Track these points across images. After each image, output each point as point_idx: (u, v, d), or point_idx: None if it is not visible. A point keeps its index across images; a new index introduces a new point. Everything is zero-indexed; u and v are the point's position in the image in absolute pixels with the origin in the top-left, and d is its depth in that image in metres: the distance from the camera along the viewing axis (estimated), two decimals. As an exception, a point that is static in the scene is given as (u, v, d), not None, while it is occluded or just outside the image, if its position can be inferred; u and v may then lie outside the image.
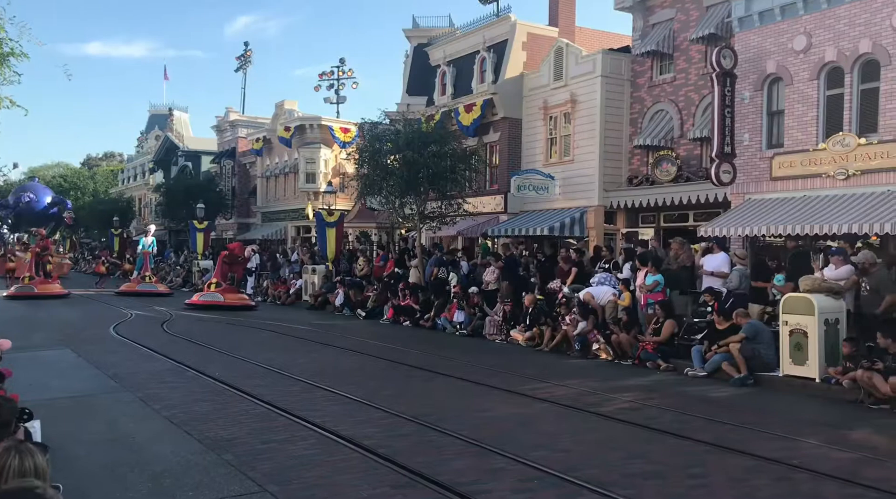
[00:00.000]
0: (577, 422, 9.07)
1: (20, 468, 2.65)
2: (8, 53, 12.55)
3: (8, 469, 2.63)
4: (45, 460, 2.78)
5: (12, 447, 2.71)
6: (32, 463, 2.68)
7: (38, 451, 2.79)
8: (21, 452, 2.69)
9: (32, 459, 2.70)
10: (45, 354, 13.74)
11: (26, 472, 2.64)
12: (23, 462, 2.66)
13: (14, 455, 2.67)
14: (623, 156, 22.69)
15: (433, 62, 29.78)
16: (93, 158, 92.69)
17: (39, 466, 2.70)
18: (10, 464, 2.64)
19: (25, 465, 2.67)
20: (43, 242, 31.20)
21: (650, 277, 14.77)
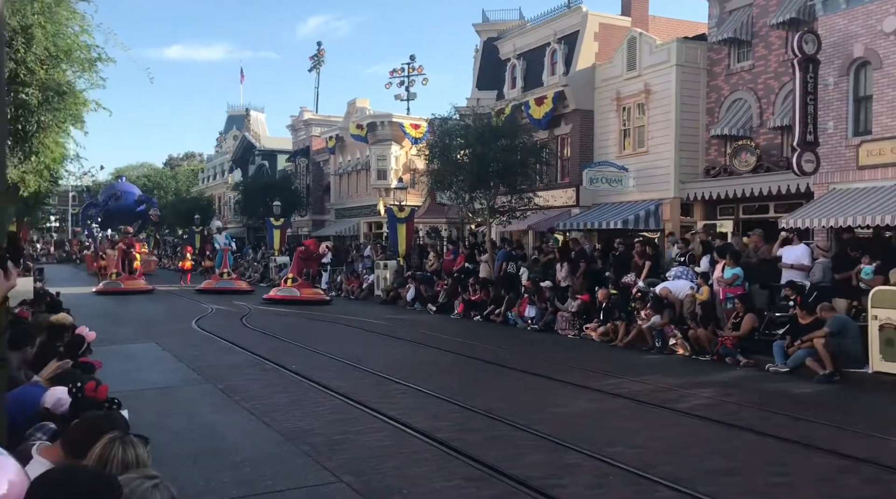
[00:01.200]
0: (653, 418, 8.90)
1: (123, 458, 2.76)
2: (95, 59, 13.11)
3: (112, 459, 2.75)
4: (146, 451, 2.89)
5: (117, 438, 2.83)
6: (135, 454, 2.80)
7: (139, 442, 2.90)
8: (125, 443, 2.81)
9: (135, 450, 2.82)
10: (131, 347, 14.33)
11: (129, 462, 2.75)
12: (126, 453, 2.78)
13: (118, 446, 2.79)
14: (700, 146, 22.09)
15: (503, 56, 29.64)
16: (174, 159, 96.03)
17: (141, 457, 2.81)
18: (114, 454, 2.76)
19: (128, 455, 2.78)
20: (129, 240, 32.52)
21: (729, 271, 14.35)
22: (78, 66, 13.07)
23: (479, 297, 20.65)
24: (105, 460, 2.79)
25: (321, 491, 6.15)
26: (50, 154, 13.63)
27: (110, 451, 2.81)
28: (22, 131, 12.56)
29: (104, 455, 2.80)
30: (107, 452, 2.81)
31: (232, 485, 6.29)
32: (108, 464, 2.78)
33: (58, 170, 15.51)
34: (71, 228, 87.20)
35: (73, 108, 13.29)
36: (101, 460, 2.80)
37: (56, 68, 12.66)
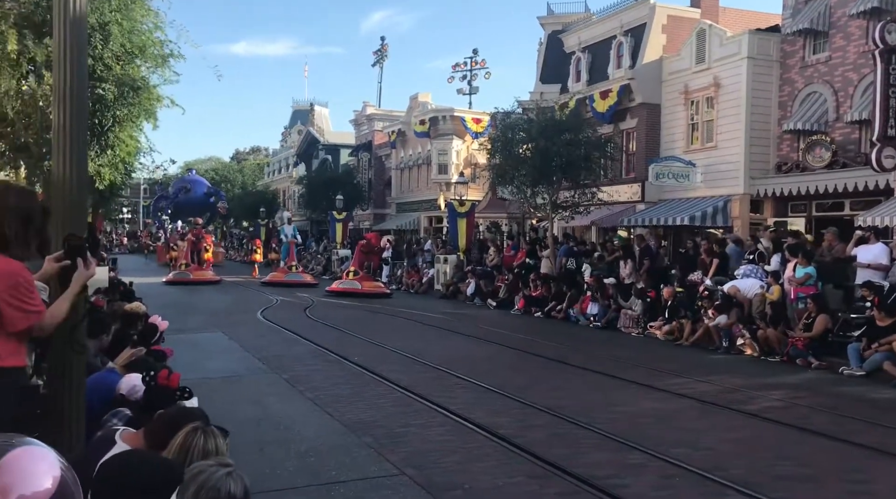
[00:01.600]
0: (720, 419, 8.67)
1: (204, 447, 2.85)
2: (168, 55, 13.48)
3: (194, 448, 2.83)
4: (225, 443, 2.97)
5: (199, 428, 2.92)
6: (215, 444, 2.89)
7: (220, 434, 2.98)
8: (206, 433, 2.90)
9: (215, 440, 2.91)
10: (199, 336, 14.70)
11: (209, 451, 2.83)
12: (207, 442, 2.87)
13: (200, 435, 2.88)
14: (771, 141, 21.42)
15: (568, 49, 29.30)
16: (241, 153, 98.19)
17: (220, 448, 2.89)
18: (195, 443, 2.85)
19: (209, 446, 2.87)
20: (198, 231, 33.35)
21: (801, 270, 13.86)
22: (152, 62, 13.45)
23: (540, 293, 20.48)
24: (186, 449, 2.87)
25: (384, 483, 6.18)
26: (125, 148, 14.08)
27: (192, 440, 2.89)
28: (99, 126, 13.00)
29: (186, 444, 2.88)
30: (188, 441, 2.89)
31: (297, 474, 6.38)
32: (190, 452, 2.86)
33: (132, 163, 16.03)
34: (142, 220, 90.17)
35: (146, 103, 13.69)
36: (182, 449, 2.88)
37: (131, 64, 13.06)
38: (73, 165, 4.09)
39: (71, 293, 3.64)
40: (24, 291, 3.41)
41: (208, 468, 2.47)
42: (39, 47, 11.83)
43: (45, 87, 11.94)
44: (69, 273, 3.69)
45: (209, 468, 2.47)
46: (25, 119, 12.67)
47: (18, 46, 11.59)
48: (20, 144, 13.38)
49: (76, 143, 4.11)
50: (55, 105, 4.11)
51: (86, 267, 3.70)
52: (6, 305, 3.34)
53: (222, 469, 2.48)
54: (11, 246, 3.42)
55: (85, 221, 4.43)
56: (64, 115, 4.07)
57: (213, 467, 2.49)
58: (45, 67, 11.98)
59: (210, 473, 2.46)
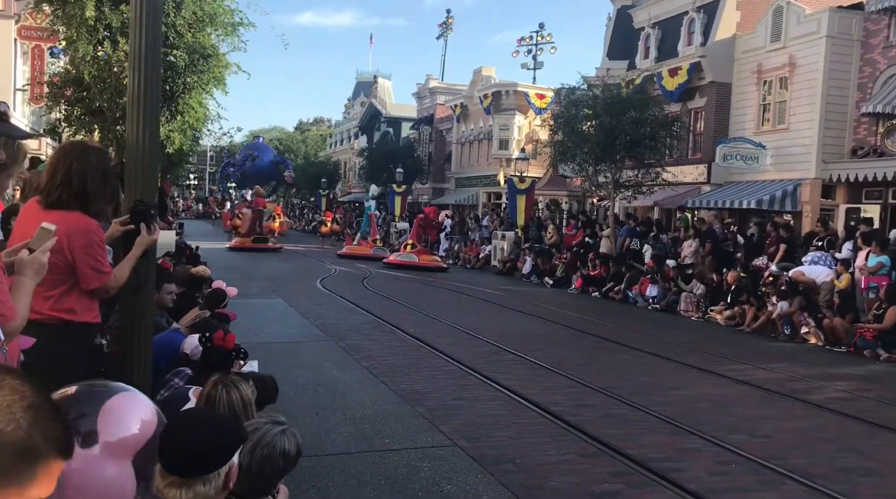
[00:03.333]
0: (781, 408, 8.46)
1: (229, 400, 3.00)
2: (237, 23, 13.67)
3: (218, 401, 2.96)
4: (249, 388, 3.07)
5: (219, 381, 3.04)
6: (238, 395, 3.04)
7: (241, 381, 3.09)
8: (226, 384, 3.01)
9: (238, 390, 3.05)
10: (260, 301, 15.00)
11: (234, 403, 2.95)
12: (230, 395, 3.02)
13: (221, 389, 3.03)
14: (847, 124, 20.58)
15: (637, 24, 28.60)
16: (304, 123, 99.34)
17: (245, 397, 3.05)
18: (219, 396, 2.99)
19: (233, 397, 3.02)
20: (260, 201, 33.92)
21: (873, 259, 13.37)
22: (221, 30, 13.67)
23: (599, 272, 20.27)
24: (213, 404, 2.98)
25: (436, 453, 6.24)
26: (194, 114, 14.39)
27: (215, 395, 3.01)
28: (169, 92, 13.31)
29: (211, 399, 3.01)
30: (212, 396, 3.02)
31: (351, 440, 6.49)
32: (216, 405, 2.97)
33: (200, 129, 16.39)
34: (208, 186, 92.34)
35: (216, 70, 13.95)
36: (209, 402, 3.00)
37: (202, 32, 13.29)
38: (146, 128, 4.19)
39: (133, 256, 3.74)
40: (97, 249, 3.52)
41: (264, 426, 2.54)
42: (115, 14, 12.14)
43: (120, 52, 12.26)
44: (133, 237, 3.79)
45: (265, 426, 2.54)
46: (101, 84, 13.05)
47: (96, 13, 11.91)
48: (95, 108, 13.80)
49: (149, 107, 4.21)
50: (130, 70, 4.20)
51: (149, 233, 3.80)
52: (82, 263, 3.45)
53: (277, 427, 2.56)
54: (92, 202, 3.52)
55: (156, 183, 4.54)
56: (138, 80, 4.17)
57: (269, 425, 2.56)
58: (120, 34, 12.30)
59: (266, 430, 2.53)
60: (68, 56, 14.18)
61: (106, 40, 12.61)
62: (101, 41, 12.57)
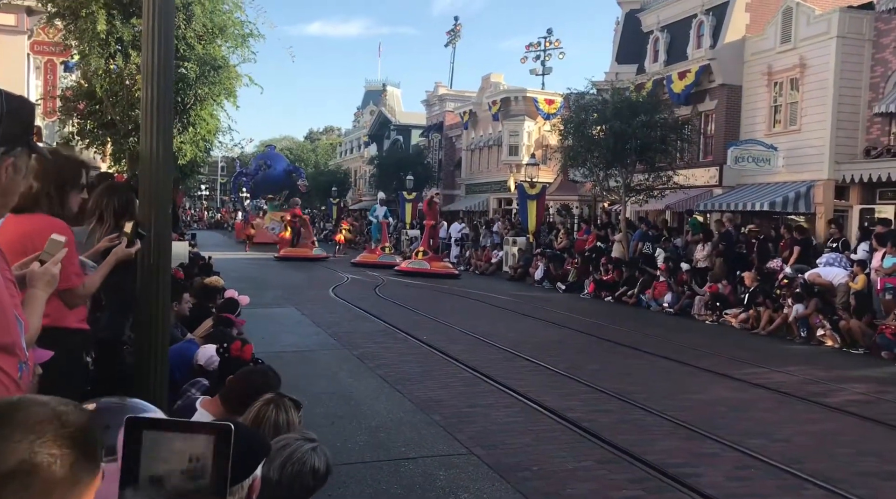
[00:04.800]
0: (798, 411, 8.39)
1: (276, 421, 2.92)
2: (247, 34, 13.75)
3: (266, 419, 2.91)
4: (298, 416, 3.03)
5: (272, 400, 2.99)
6: (286, 418, 2.96)
7: (292, 406, 3.05)
8: (278, 405, 2.97)
9: (287, 414, 2.98)
10: (274, 311, 15.05)
11: (280, 424, 2.90)
12: (279, 415, 2.95)
13: (272, 408, 2.97)
14: (860, 125, 20.43)
15: (645, 28, 28.55)
16: (314, 132, 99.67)
17: (292, 421, 2.97)
18: (268, 415, 2.93)
19: (280, 419, 2.94)
20: (295, 210, 34.03)
21: (889, 259, 13.26)
22: (232, 41, 13.74)
23: (611, 277, 20.20)
24: (260, 421, 2.95)
25: (452, 461, 6.22)
26: (205, 126, 14.45)
27: (265, 413, 2.96)
28: (181, 104, 13.38)
29: (259, 416, 2.96)
30: (262, 413, 2.97)
31: (367, 448, 6.48)
32: (262, 424, 2.94)
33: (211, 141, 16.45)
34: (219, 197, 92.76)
35: (226, 82, 14.01)
36: (255, 421, 2.96)
37: (212, 44, 13.36)
38: (159, 141, 4.21)
39: (106, 265, 3.72)
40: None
41: (295, 442, 2.53)
42: (127, 27, 12.22)
43: (132, 66, 12.34)
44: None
45: (295, 442, 2.53)
46: (113, 97, 13.13)
47: (107, 26, 12.00)
48: (107, 122, 13.89)
49: (162, 119, 4.23)
50: (143, 83, 4.23)
51: (127, 246, 3.79)
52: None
53: (308, 444, 2.54)
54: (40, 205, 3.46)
55: (170, 195, 4.55)
56: (151, 92, 4.19)
57: (300, 441, 2.55)
58: (131, 47, 12.38)
59: (296, 446, 2.52)
60: (80, 70, 14.29)
61: (118, 53, 12.70)
62: (112, 55, 12.66)
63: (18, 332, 2.24)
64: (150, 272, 4.19)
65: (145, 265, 4.17)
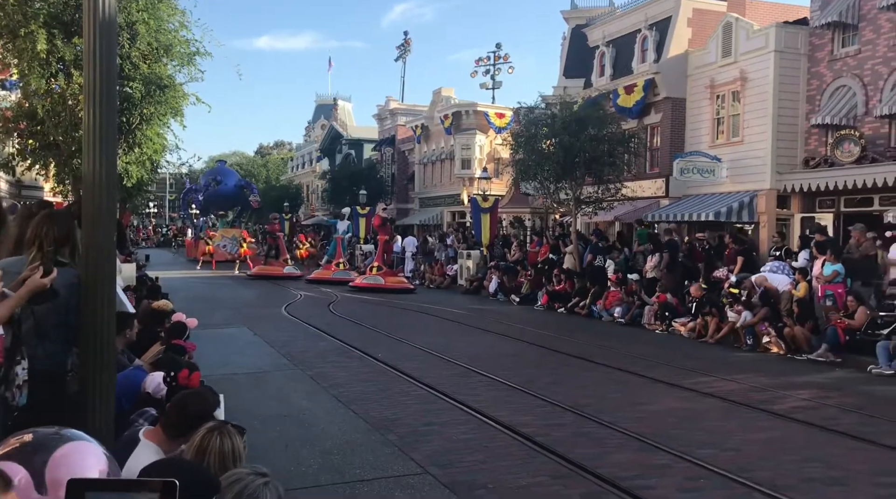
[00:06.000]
0: (746, 419, 8.58)
1: (221, 449, 2.86)
2: (194, 53, 13.60)
3: (210, 450, 2.85)
4: (242, 442, 2.98)
5: (215, 429, 2.93)
6: (231, 445, 2.89)
7: (236, 433, 3.00)
8: (222, 433, 2.91)
9: (231, 440, 2.91)
10: (225, 331, 14.82)
11: (225, 453, 2.85)
12: (223, 443, 2.88)
13: (216, 436, 2.90)
14: (798, 136, 21.12)
15: (591, 43, 29.09)
16: (265, 147, 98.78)
17: (237, 447, 2.90)
18: (211, 445, 2.86)
19: (225, 446, 2.88)
20: (273, 226, 33.56)
21: (829, 267, 13.69)
22: (178, 60, 13.59)
23: (563, 288, 20.41)
24: (204, 451, 2.89)
25: (408, 481, 6.20)
26: (151, 145, 14.23)
27: (208, 442, 2.90)
28: (126, 124, 13.16)
29: (203, 446, 2.90)
30: (205, 443, 2.90)
31: (322, 472, 6.42)
32: (207, 454, 2.88)
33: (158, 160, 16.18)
34: (168, 214, 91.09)
35: (173, 101, 13.83)
36: (199, 451, 2.90)
37: (158, 63, 13.20)
38: (103, 163, 4.12)
39: (17, 297, 3.64)
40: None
41: (246, 477, 2.49)
42: (68, 46, 11.98)
43: (74, 85, 12.09)
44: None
45: (247, 477, 2.49)
46: (55, 117, 12.85)
47: (48, 46, 11.75)
48: (50, 142, 13.57)
49: (106, 141, 4.14)
50: (86, 104, 4.14)
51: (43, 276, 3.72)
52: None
53: (259, 478, 2.51)
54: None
55: (115, 218, 4.47)
56: (94, 113, 4.10)
57: (251, 476, 2.51)
58: (73, 66, 12.13)
59: (248, 481, 2.48)
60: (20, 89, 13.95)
61: (59, 73, 12.43)
62: (54, 74, 12.39)
63: None
64: (94, 298, 4.09)
65: (88, 291, 4.08)
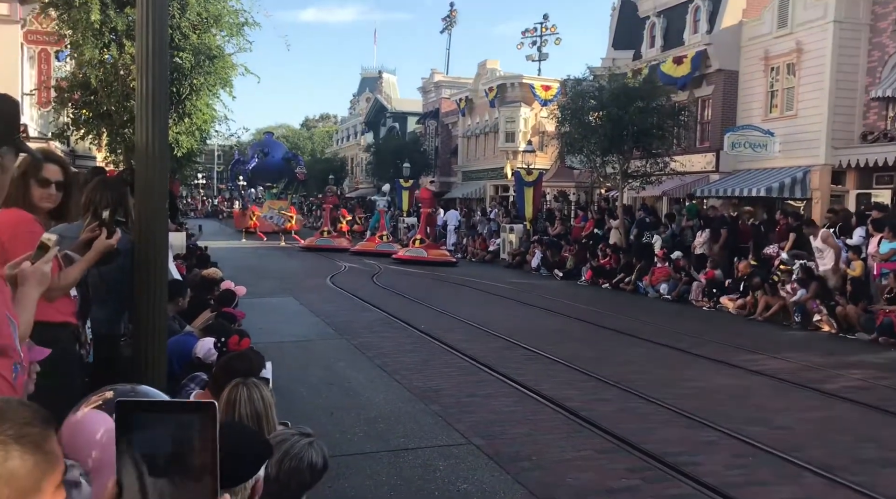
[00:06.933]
0: (797, 398, 8.41)
1: (249, 397, 2.94)
2: (242, 23, 13.66)
3: (238, 400, 2.92)
4: (270, 392, 3.04)
5: (240, 382, 3.00)
6: (259, 394, 2.98)
7: (263, 384, 3.06)
8: (248, 385, 2.98)
9: (259, 391, 3.00)
10: (272, 301, 15.04)
11: (255, 401, 2.91)
12: (251, 393, 2.96)
13: (242, 388, 2.98)
14: (857, 109, 20.39)
15: (642, 13, 28.42)
16: (310, 120, 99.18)
17: (265, 397, 3.00)
18: (239, 396, 2.94)
19: (254, 395, 2.96)
20: (333, 198, 33.75)
21: (886, 245, 13.26)
22: (227, 30, 13.66)
23: (609, 263, 20.20)
24: (233, 403, 2.96)
25: (451, 451, 6.23)
26: (201, 116, 14.38)
27: (236, 394, 2.98)
28: (176, 94, 13.30)
29: (231, 398, 2.97)
30: (233, 395, 2.98)
31: (366, 439, 6.49)
32: (236, 405, 2.95)
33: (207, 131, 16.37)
34: (216, 186, 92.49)
35: (222, 72, 13.93)
36: (229, 404, 2.97)
37: (207, 33, 13.29)
38: (155, 132, 4.17)
39: (86, 260, 3.67)
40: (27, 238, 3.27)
41: (291, 437, 2.53)
42: (120, 17, 12.13)
43: (126, 56, 12.27)
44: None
45: (292, 437, 2.53)
46: (107, 87, 13.06)
47: (101, 17, 11.91)
48: (102, 112, 13.81)
49: (158, 110, 4.19)
50: (138, 74, 4.18)
51: (108, 237, 3.75)
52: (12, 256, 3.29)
53: (304, 439, 2.54)
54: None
55: (167, 186, 4.53)
56: (146, 83, 4.14)
57: (296, 436, 2.55)
58: (125, 37, 12.29)
59: (293, 442, 2.52)
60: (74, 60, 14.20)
61: (112, 44, 12.61)
62: (107, 45, 12.57)
63: (11, 333, 2.22)
64: (146, 265, 4.16)
65: (141, 258, 4.15)
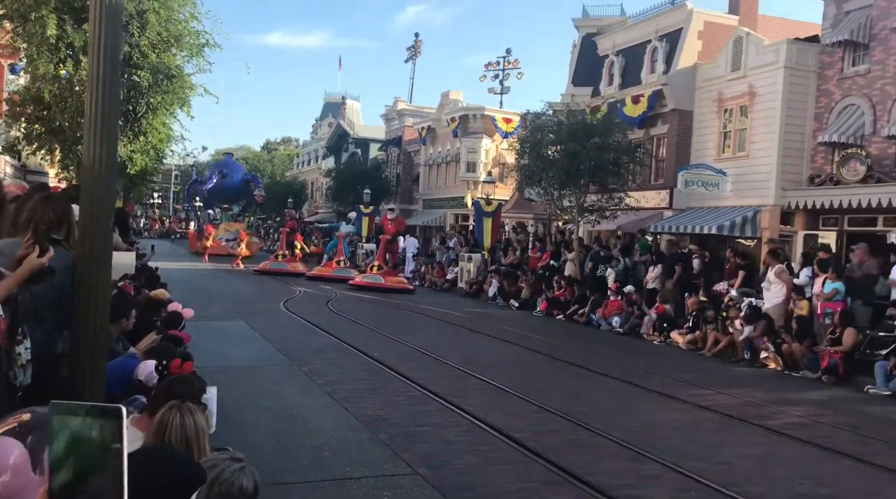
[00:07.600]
0: (740, 434, 8.55)
1: (182, 423, 2.88)
2: (203, 44, 13.62)
3: (170, 425, 2.87)
4: (204, 418, 2.99)
5: (175, 405, 2.95)
6: (192, 420, 2.91)
7: (198, 410, 3.01)
8: (182, 409, 2.92)
9: (192, 416, 2.93)
10: (223, 324, 14.80)
11: (186, 426, 2.86)
12: (184, 419, 2.90)
13: (175, 412, 2.92)
14: (805, 153, 21.07)
15: (601, 52, 29.09)
16: (271, 143, 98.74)
17: (198, 423, 2.93)
18: (171, 420, 2.89)
19: (186, 421, 2.90)
20: (292, 222, 33.14)
21: (829, 285, 13.64)
22: (187, 51, 13.61)
23: (563, 295, 20.38)
24: (164, 427, 2.90)
25: (397, 481, 6.18)
26: (157, 135, 14.24)
27: (168, 418, 2.92)
28: (132, 112, 13.17)
29: (163, 422, 2.92)
30: (165, 419, 2.93)
31: (311, 468, 6.40)
32: (167, 430, 2.89)
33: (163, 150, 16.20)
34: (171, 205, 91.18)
35: (180, 91, 13.84)
36: (160, 427, 2.91)
37: (167, 52, 13.22)
38: (103, 149, 4.11)
39: (14, 277, 3.62)
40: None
41: (222, 462, 2.50)
42: (78, 33, 11.99)
43: (82, 72, 12.12)
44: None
45: (223, 462, 2.50)
46: (62, 103, 12.87)
47: (58, 31, 11.76)
48: (56, 127, 13.58)
49: (108, 127, 4.13)
50: (89, 89, 4.13)
51: (40, 255, 3.70)
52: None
53: (235, 464, 2.51)
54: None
55: (112, 203, 4.46)
56: (97, 99, 4.10)
57: (227, 461, 2.51)
58: (82, 52, 12.16)
59: (224, 467, 2.49)
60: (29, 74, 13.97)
61: (68, 59, 12.45)
62: (62, 60, 12.41)
63: None
64: (88, 284, 4.09)
65: (83, 277, 4.07)
